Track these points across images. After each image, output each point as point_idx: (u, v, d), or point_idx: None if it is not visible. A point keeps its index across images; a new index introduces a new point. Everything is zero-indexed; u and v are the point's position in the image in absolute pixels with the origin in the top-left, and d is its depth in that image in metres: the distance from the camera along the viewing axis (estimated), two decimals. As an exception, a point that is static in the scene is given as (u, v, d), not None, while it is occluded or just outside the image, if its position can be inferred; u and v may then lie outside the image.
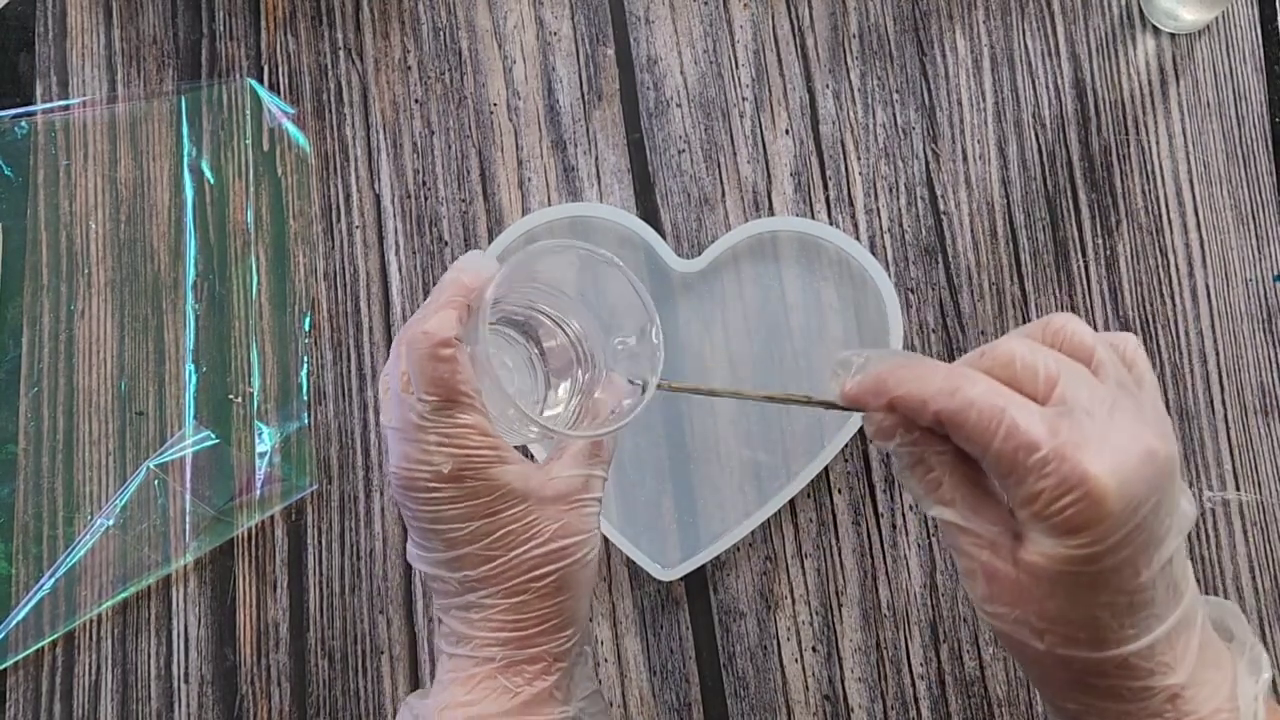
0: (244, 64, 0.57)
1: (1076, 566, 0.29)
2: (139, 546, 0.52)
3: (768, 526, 0.53)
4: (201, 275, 0.55)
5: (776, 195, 0.55)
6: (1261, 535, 0.53)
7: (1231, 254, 0.55)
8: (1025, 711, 0.51)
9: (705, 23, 0.57)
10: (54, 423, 0.54)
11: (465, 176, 0.56)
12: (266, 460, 0.53)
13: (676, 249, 0.55)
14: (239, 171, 0.56)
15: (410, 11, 0.57)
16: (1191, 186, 0.56)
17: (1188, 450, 0.53)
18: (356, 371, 0.54)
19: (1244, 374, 0.54)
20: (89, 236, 0.55)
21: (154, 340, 0.54)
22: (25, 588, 0.52)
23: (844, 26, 0.57)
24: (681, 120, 0.56)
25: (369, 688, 0.52)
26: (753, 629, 0.52)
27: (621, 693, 0.52)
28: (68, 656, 0.52)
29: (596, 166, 0.56)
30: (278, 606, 0.52)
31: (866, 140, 0.56)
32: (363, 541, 0.53)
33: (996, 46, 0.57)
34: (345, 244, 0.55)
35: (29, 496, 0.53)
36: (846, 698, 0.52)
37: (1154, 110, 0.56)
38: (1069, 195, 0.55)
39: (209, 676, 0.52)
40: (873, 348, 0.35)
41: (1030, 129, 0.56)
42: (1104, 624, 0.30)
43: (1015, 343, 0.31)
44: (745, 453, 0.53)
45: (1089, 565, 0.29)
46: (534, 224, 0.53)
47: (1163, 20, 0.56)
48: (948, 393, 0.30)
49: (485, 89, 0.57)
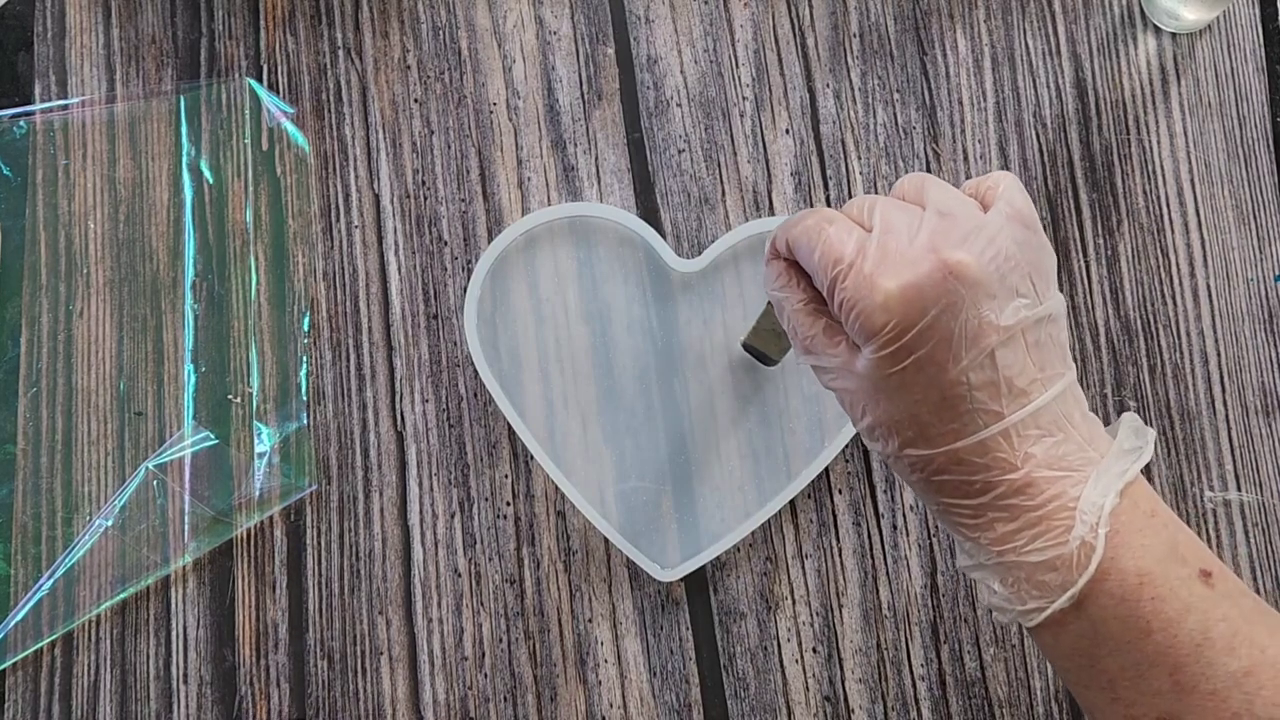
0: (243, 63, 0.57)
1: (885, 368, 0.34)
2: (138, 547, 0.52)
3: (768, 527, 0.52)
4: (200, 275, 0.55)
5: (777, 195, 0.55)
6: (1263, 535, 0.53)
7: (1233, 253, 0.55)
8: (1026, 712, 0.51)
9: (705, 22, 0.57)
10: (53, 423, 0.53)
11: (465, 176, 0.56)
12: (265, 461, 0.53)
13: (676, 249, 0.55)
14: (238, 171, 0.56)
15: (410, 11, 0.57)
16: (1193, 186, 0.56)
17: (1188, 450, 0.53)
18: (356, 372, 0.54)
19: (1245, 374, 0.54)
20: (88, 236, 0.55)
21: (153, 340, 0.54)
22: (24, 588, 0.52)
23: (844, 26, 0.57)
24: (681, 120, 0.56)
25: (368, 689, 0.52)
26: (753, 630, 0.52)
27: (621, 694, 0.52)
28: (66, 657, 0.52)
29: (596, 166, 0.56)
30: (277, 607, 0.52)
31: (867, 140, 0.56)
32: (362, 542, 0.53)
33: (997, 46, 0.57)
34: (344, 244, 0.55)
35: (28, 497, 0.53)
36: (847, 698, 0.51)
37: (1155, 110, 0.56)
38: (1070, 194, 0.55)
39: (208, 677, 0.52)
40: None
41: (1031, 128, 0.56)
42: (925, 422, 0.34)
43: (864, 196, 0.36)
44: (745, 452, 0.53)
45: (893, 365, 0.33)
46: (534, 224, 0.53)
47: (1164, 20, 0.56)
48: (794, 222, 0.36)
49: (485, 88, 0.56)
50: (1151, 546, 0.33)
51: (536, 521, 0.53)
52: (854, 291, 0.33)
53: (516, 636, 0.52)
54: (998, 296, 0.33)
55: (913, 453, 0.35)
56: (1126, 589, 0.33)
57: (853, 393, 0.35)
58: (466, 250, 0.55)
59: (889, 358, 0.33)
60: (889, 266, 0.33)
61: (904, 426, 0.34)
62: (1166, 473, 0.53)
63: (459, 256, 0.55)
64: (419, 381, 0.54)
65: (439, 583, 0.52)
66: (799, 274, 0.38)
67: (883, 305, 0.33)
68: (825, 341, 0.36)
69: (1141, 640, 0.33)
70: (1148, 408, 0.54)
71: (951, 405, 0.33)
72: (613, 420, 0.53)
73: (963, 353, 0.33)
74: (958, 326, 0.33)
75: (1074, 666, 0.35)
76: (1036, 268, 0.35)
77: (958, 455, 0.34)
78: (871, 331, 0.33)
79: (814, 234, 0.35)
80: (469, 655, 0.52)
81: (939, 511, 0.36)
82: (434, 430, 0.53)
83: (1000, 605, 0.35)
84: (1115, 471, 0.34)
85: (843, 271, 0.34)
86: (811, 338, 0.36)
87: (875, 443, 0.36)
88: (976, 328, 0.33)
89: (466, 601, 0.52)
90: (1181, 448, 0.53)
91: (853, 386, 0.35)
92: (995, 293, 0.33)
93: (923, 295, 0.32)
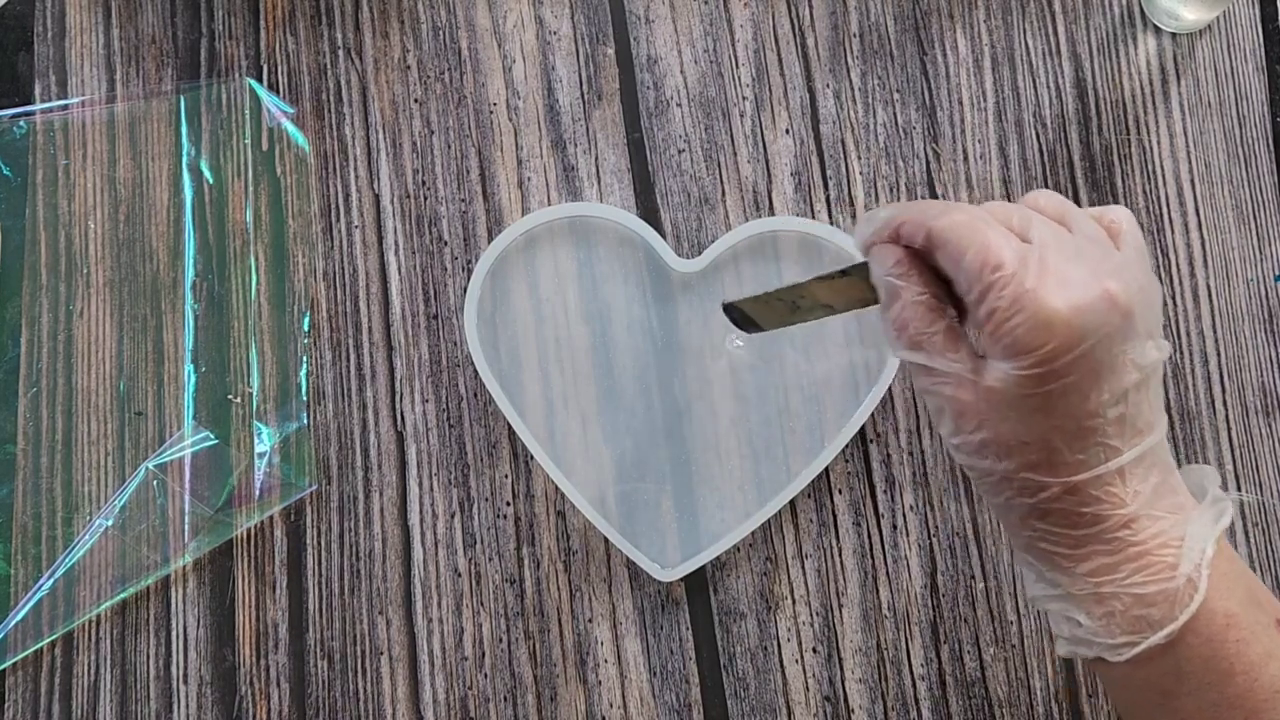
0: (243, 63, 0.57)
1: (1026, 388, 0.32)
2: (138, 547, 0.52)
3: (768, 527, 0.52)
4: (200, 275, 0.55)
5: (777, 195, 0.55)
6: (1263, 535, 0.53)
7: (1233, 253, 0.55)
8: (1026, 712, 0.51)
9: (705, 22, 0.57)
10: (53, 423, 0.53)
11: (465, 176, 0.56)
12: (266, 461, 0.53)
13: (676, 249, 0.55)
14: (238, 171, 0.56)
15: (410, 11, 0.57)
16: (1192, 186, 0.56)
17: (1189, 450, 0.53)
18: (356, 371, 0.54)
19: (1245, 374, 0.54)
20: (88, 236, 0.55)
21: (153, 340, 0.54)
22: (24, 588, 0.52)
23: (844, 26, 0.57)
24: (681, 120, 0.56)
25: (368, 689, 0.52)
26: (753, 630, 0.52)
27: (621, 694, 0.52)
28: (66, 657, 0.52)
29: (596, 166, 0.56)
30: (277, 607, 0.52)
31: (867, 140, 0.56)
32: (362, 542, 0.53)
33: (997, 46, 0.57)
34: (344, 244, 0.55)
35: (28, 497, 0.53)
36: (847, 698, 0.51)
37: (1155, 110, 0.56)
38: (1070, 194, 0.55)
39: (208, 677, 0.52)
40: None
41: (1031, 128, 0.56)
42: (1055, 447, 0.33)
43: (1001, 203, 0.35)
44: (745, 453, 0.53)
45: (1037, 386, 0.32)
46: (534, 224, 0.53)
47: (1164, 20, 0.56)
48: (938, 214, 0.34)
49: (485, 88, 0.56)
50: (1236, 591, 0.33)
51: (536, 521, 0.53)
52: (1012, 303, 0.31)
53: (516, 636, 0.52)
54: (1139, 335, 0.33)
55: (1033, 477, 0.33)
56: (1214, 629, 0.33)
57: (967, 405, 0.34)
58: (466, 250, 0.55)
59: (1036, 379, 0.32)
60: (1054, 285, 0.31)
61: (1031, 450, 0.33)
62: (1166, 473, 0.53)
63: (459, 256, 0.55)
64: (419, 381, 0.54)
65: (439, 583, 0.52)
66: (919, 264, 0.35)
67: (1045, 323, 0.31)
68: (945, 344, 0.34)
69: (1223, 683, 0.33)
70: (1148, 408, 0.54)
71: (1084, 436, 0.33)
72: (613, 420, 0.53)
73: (1104, 386, 0.32)
74: (1108, 359, 0.32)
75: (1145, 703, 0.35)
76: (1158, 311, 0.35)
77: (1076, 486, 0.33)
78: (1025, 349, 0.32)
79: (968, 233, 0.33)
80: (469, 655, 0.52)
81: (1032, 538, 0.35)
82: (434, 430, 0.53)
83: (1085, 638, 0.34)
84: (1210, 515, 0.34)
85: (1003, 279, 0.32)
86: (928, 336, 0.34)
87: (982, 460, 0.34)
88: (1122, 363, 0.32)
89: (466, 601, 0.52)
90: (1181, 448, 0.53)
91: (970, 398, 0.33)
92: (1139, 331, 0.33)
93: (1086, 321, 0.31)
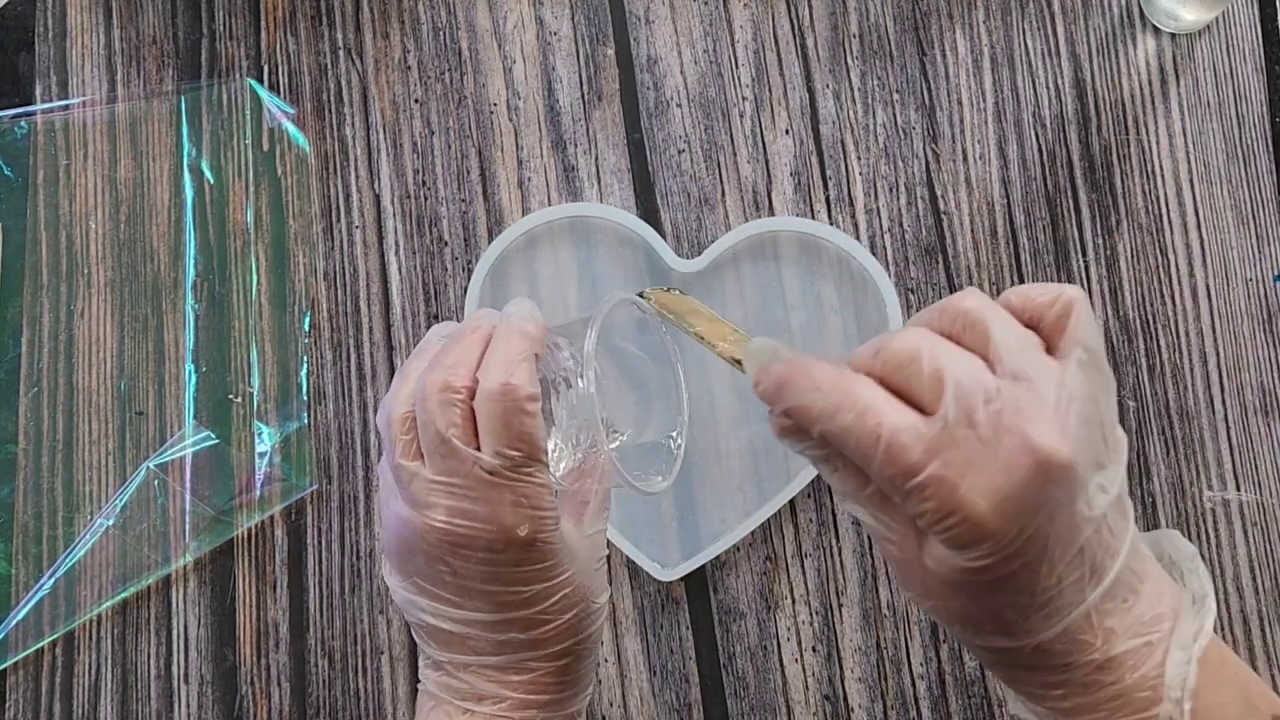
0: (244, 64, 0.57)
1: (971, 576, 0.29)
2: (139, 546, 0.52)
3: (768, 526, 0.52)
4: (201, 275, 0.55)
5: (776, 195, 0.55)
6: (1262, 535, 0.53)
7: (1232, 254, 0.55)
8: (1025, 711, 0.51)
9: (705, 22, 0.57)
10: (54, 423, 0.54)
11: (465, 176, 0.56)
12: (266, 460, 0.53)
13: (676, 249, 0.55)
14: (239, 171, 0.56)
15: (410, 11, 0.57)
16: (1192, 186, 0.56)
17: (1187, 450, 0.53)
18: (356, 371, 0.54)
19: (1244, 374, 0.54)
20: (89, 236, 0.55)
21: (154, 340, 0.54)
22: (25, 588, 0.52)
23: (844, 26, 0.57)
24: (681, 120, 0.56)
25: (369, 688, 0.52)
26: (753, 629, 0.52)
27: (621, 693, 0.52)
28: (67, 656, 0.52)
29: (596, 166, 0.56)
30: (277, 607, 0.52)
31: (867, 140, 0.56)
32: (363, 542, 0.53)
33: (997, 46, 0.57)
34: (345, 244, 0.55)
35: (29, 496, 0.53)
36: (847, 698, 0.51)
37: (1154, 110, 0.56)
38: (1069, 195, 0.55)
39: (209, 677, 0.52)
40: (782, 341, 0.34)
41: (1030, 129, 0.56)
42: (1010, 621, 0.30)
43: (907, 338, 0.30)
44: (745, 452, 0.53)
45: (983, 575, 0.29)
46: (534, 224, 0.53)
47: (1163, 20, 0.56)
48: (829, 414, 0.29)
49: (485, 89, 0.57)
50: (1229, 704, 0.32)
51: (537, 521, 0.53)
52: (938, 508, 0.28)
53: (517, 636, 0.52)
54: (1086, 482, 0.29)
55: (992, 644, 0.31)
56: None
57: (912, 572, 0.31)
58: (467, 250, 0.55)
59: (978, 570, 0.29)
60: (974, 473, 0.27)
61: (983, 623, 0.31)
62: (1165, 473, 0.53)
63: (459, 257, 0.55)
64: (419, 381, 0.54)
65: (439, 582, 0.52)
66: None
67: (976, 527, 0.28)
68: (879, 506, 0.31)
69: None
70: (1147, 408, 0.54)
71: (1042, 606, 0.30)
72: (613, 420, 0.53)
73: (1056, 556, 0.29)
74: (1054, 530, 0.29)
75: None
76: (1109, 420, 0.30)
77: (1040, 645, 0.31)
78: (962, 546, 0.28)
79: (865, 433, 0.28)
80: (469, 654, 0.52)
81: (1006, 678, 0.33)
82: (434, 430, 0.53)
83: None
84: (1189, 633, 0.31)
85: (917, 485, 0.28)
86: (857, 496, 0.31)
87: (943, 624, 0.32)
88: (1071, 526, 0.29)
89: (467, 601, 0.52)
90: (1180, 448, 0.53)
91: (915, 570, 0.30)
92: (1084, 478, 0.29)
93: (1021, 510, 0.28)
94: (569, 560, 0.36)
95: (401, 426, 0.36)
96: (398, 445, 0.36)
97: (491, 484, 0.34)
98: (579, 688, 0.38)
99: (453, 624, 0.36)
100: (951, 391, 0.28)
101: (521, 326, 0.36)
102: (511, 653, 0.36)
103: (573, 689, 0.38)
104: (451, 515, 0.34)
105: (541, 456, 0.35)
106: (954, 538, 0.28)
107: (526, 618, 0.36)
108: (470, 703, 0.37)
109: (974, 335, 0.30)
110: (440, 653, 0.37)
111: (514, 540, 0.34)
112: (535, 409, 0.34)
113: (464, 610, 0.36)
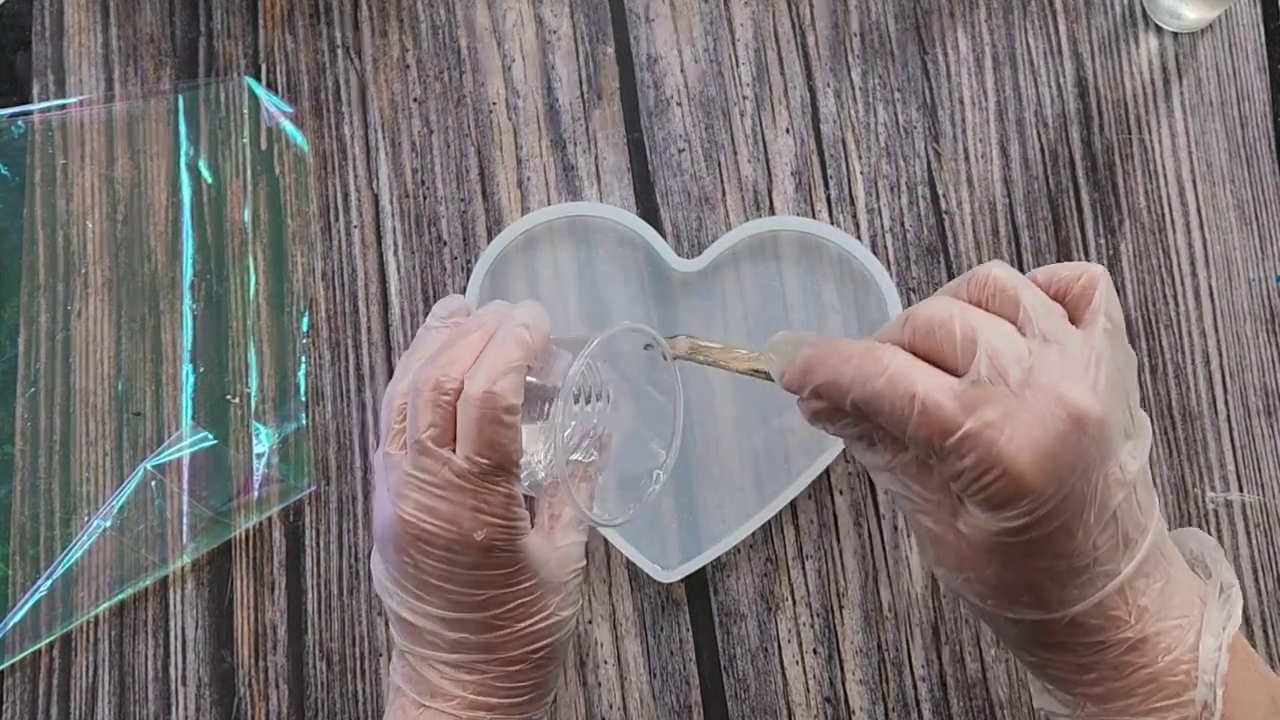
0: (242, 62, 0.57)
1: (1008, 538, 0.29)
2: (136, 548, 0.52)
3: (768, 528, 0.52)
4: (199, 275, 0.55)
5: (777, 194, 0.55)
6: (1264, 536, 0.53)
7: (1234, 254, 0.55)
8: (1027, 714, 0.51)
9: (705, 21, 0.57)
10: (51, 423, 0.53)
11: (464, 176, 0.56)
12: (264, 461, 0.53)
13: (676, 248, 0.54)
14: (237, 171, 0.56)
15: (409, 10, 0.57)
16: (1194, 186, 0.55)
17: (1190, 451, 0.53)
18: (355, 372, 0.54)
19: (1247, 374, 0.54)
20: (86, 236, 0.55)
21: (151, 340, 0.54)
22: (22, 589, 0.52)
23: (845, 25, 0.57)
24: (682, 119, 0.56)
25: (367, 690, 0.51)
26: (753, 631, 0.52)
27: (621, 695, 0.51)
28: (65, 658, 0.52)
29: (596, 166, 0.55)
30: (275, 608, 0.52)
31: (868, 139, 0.56)
32: (361, 543, 0.53)
33: (998, 45, 0.57)
34: (343, 244, 0.55)
35: (26, 497, 0.53)
36: (848, 700, 0.51)
37: (1156, 109, 0.56)
38: (1071, 194, 0.55)
39: (206, 678, 0.51)
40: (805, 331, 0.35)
41: (1032, 128, 0.56)
42: (1045, 588, 0.30)
43: (936, 305, 0.30)
44: (745, 453, 0.53)
45: (1019, 535, 0.29)
46: (533, 223, 0.53)
47: (1165, 19, 0.56)
48: (860, 381, 0.30)
49: (484, 88, 0.56)
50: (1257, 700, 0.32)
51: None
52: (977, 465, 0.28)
53: (516, 637, 0.52)
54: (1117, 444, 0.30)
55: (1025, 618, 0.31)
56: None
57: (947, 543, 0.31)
58: (466, 250, 0.55)
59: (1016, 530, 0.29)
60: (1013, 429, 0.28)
61: (1018, 592, 0.31)
62: (1168, 473, 0.53)
63: (458, 256, 0.55)
64: (418, 382, 0.54)
65: (438, 584, 0.52)
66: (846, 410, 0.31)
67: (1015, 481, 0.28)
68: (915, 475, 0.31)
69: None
70: (1149, 408, 0.54)
71: (1077, 573, 0.30)
72: (613, 421, 0.53)
73: (1092, 517, 0.29)
74: (1089, 490, 0.29)
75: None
76: (1133, 394, 0.31)
77: (1075, 618, 0.31)
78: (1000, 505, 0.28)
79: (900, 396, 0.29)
80: (468, 656, 0.52)
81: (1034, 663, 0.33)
82: (433, 431, 0.53)
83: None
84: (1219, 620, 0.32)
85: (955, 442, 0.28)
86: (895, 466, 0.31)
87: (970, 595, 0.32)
88: (1105, 487, 0.29)
89: (466, 602, 0.52)
90: (1183, 448, 0.53)
91: (950, 538, 0.31)
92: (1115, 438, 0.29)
93: (1059, 465, 0.28)
94: (533, 570, 0.37)
95: (396, 416, 0.37)
96: (390, 434, 0.37)
97: (458, 486, 0.35)
98: (534, 694, 0.38)
99: (413, 615, 0.37)
100: (984, 350, 0.29)
101: (519, 334, 0.36)
102: (465, 652, 0.37)
103: (527, 695, 0.38)
104: (418, 510, 0.35)
105: (511, 467, 0.35)
106: (993, 495, 0.28)
107: (480, 620, 0.36)
108: (425, 698, 0.37)
109: (1003, 301, 0.30)
110: (404, 643, 0.38)
111: (470, 544, 0.35)
112: (513, 420, 0.35)
113: (423, 604, 0.37)
